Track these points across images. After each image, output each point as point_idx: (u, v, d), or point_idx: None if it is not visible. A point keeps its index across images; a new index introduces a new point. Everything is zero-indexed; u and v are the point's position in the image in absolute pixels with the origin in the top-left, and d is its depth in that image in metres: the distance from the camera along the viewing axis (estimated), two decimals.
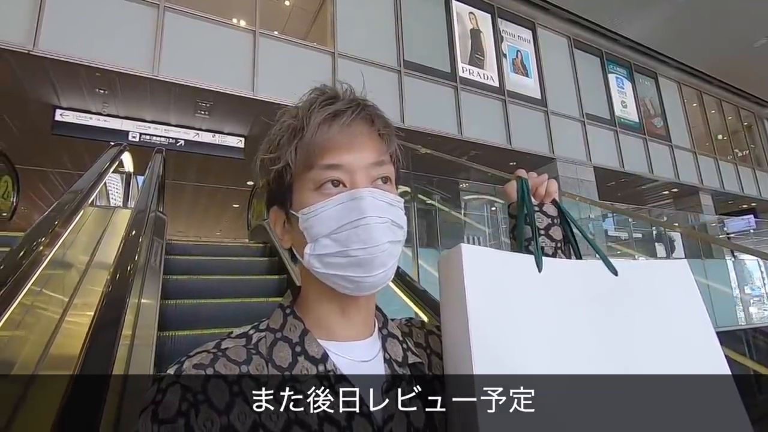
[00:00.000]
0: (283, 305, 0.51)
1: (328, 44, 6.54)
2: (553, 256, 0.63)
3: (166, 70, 5.15)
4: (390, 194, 0.48)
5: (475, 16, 8.27)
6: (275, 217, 0.52)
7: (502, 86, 8.13)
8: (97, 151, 4.04)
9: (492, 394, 0.43)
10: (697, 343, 0.50)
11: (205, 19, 5.60)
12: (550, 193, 0.64)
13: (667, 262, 0.57)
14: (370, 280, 0.45)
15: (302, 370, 0.44)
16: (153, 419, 0.38)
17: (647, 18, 9.50)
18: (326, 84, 0.51)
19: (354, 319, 0.49)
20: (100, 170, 3.20)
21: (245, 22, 6.25)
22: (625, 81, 10.53)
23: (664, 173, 10.35)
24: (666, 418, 0.45)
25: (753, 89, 12.92)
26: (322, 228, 0.45)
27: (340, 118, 0.46)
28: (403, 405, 0.46)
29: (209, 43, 5.55)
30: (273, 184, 0.50)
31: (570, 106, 9.13)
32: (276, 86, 5.72)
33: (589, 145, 9.05)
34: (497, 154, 7.79)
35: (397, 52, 7.07)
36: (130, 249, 2.18)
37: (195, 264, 3.21)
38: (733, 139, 12.95)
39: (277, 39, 6.20)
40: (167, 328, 2.31)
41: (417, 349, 0.54)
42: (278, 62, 5.93)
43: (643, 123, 10.37)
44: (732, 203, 12.97)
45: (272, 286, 3.09)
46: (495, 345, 0.45)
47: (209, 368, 0.42)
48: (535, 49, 8.97)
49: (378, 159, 0.48)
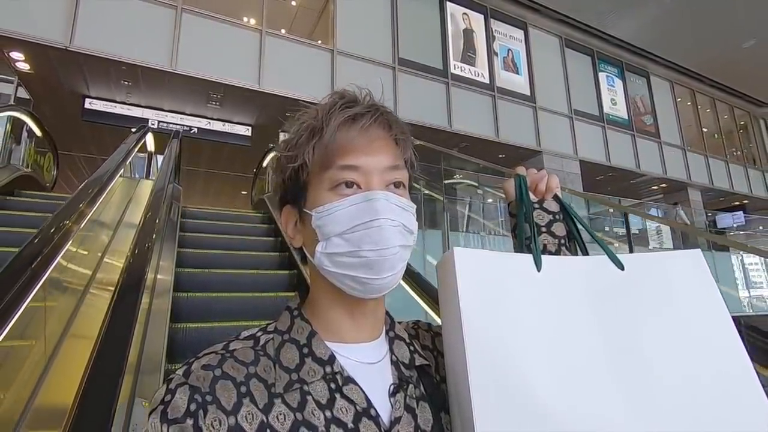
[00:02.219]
0: (291, 307, 0.51)
1: (329, 42, 7.18)
2: (557, 253, 0.61)
3: (182, 65, 5.83)
4: (403, 199, 0.48)
5: (469, 16, 8.83)
6: (287, 216, 0.53)
7: (493, 83, 8.69)
8: (119, 137, 4.74)
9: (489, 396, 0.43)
10: (715, 339, 0.47)
11: (217, 19, 6.28)
12: (551, 188, 0.63)
13: (678, 252, 0.53)
14: (379, 283, 0.46)
15: (309, 372, 0.45)
16: (162, 419, 0.39)
17: (635, 18, 9.94)
18: (346, 88, 0.51)
19: (362, 322, 0.50)
20: (129, 147, 3.89)
21: (255, 20, 6.91)
22: (616, 79, 10.98)
23: (652, 168, 10.79)
24: (681, 419, 0.43)
25: (746, 89, 13.22)
26: (335, 227, 0.46)
27: (359, 122, 0.48)
28: (410, 407, 0.47)
29: (221, 41, 6.23)
30: (288, 182, 0.51)
31: (559, 102, 9.64)
32: (279, 80, 6.38)
33: (576, 139, 9.56)
34: (485, 145, 8.35)
35: (393, 50, 7.67)
36: (154, 207, 2.82)
37: (204, 226, 3.89)
38: (726, 137, 13.28)
39: (281, 37, 6.86)
40: (183, 265, 2.97)
41: (424, 352, 0.54)
42: (282, 59, 6.59)
43: (632, 120, 10.82)
44: (723, 200, 13.32)
45: (269, 244, 3.76)
46: (491, 349, 0.45)
47: (217, 369, 0.43)
48: (526, 48, 9.49)
49: (393, 163, 0.49)
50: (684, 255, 0.53)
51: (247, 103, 6.73)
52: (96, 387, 1.07)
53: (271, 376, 0.44)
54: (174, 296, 2.45)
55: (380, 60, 7.50)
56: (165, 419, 0.39)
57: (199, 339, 2.25)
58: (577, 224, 0.61)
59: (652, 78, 11.75)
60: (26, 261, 1.40)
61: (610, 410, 0.43)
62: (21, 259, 1.40)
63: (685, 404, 0.43)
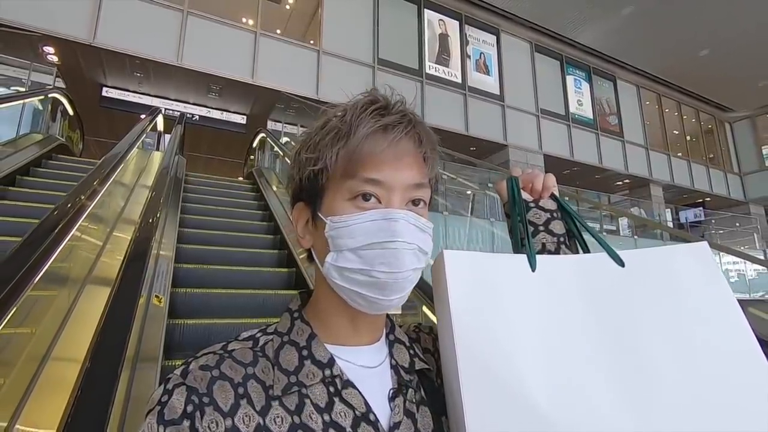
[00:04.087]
0: (291, 309, 0.51)
1: (316, 42, 8.18)
2: (557, 251, 0.59)
3: (187, 60, 6.84)
4: (422, 219, 0.47)
5: (444, 22, 9.83)
6: (299, 213, 0.51)
7: (465, 82, 9.69)
8: (129, 123, 5.74)
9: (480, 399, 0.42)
10: (725, 337, 0.45)
11: (218, 21, 7.29)
12: (547, 187, 0.62)
13: (683, 246, 0.50)
14: (386, 303, 0.45)
15: (308, 374, 0.44)
16: (159, 420, 0.38)
17: (602, 27, 10.93)
18: (377, 89, 0.49)
19: (362, 327, 0.49)
20: (144, 125, 4.91)
21: (252, 21, 7.92)
22: (583, 82, 11.99)
23: (614, 165, 11.80)
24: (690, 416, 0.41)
25: (711, 95, 14.22)
26: (349, 241, 0.45)
27: (390, 133, 0.45)
28: (410, 412, 0.46)
29: (220, 40, 7.23)
30: (306, 182, 0.48)
31: (526, 102, 10.65)
32: (271, 75, 7.39)
33: (541, 136, 10.57)
34: (456, 139, 9.35)
35: (373, 51, 8.68)
36: (164, 171, 3.81)
37: (204, 190, 4.91)
38: (690, 139, 14.29)
39: (273, 38, 7.86)
40: (186, 212, 3.97)
41: (425, 355, 0.53)
42: (273, 56, 7.60)
43: (597, 120, 11.83)
44: (687, 197, 14.34)
45: (253, 204, 4.78)
46: (483, 351, 0.44)
47: (215, 370, 0.42)
48: (497, 52, 10.50)
49: (419, 181, 0.47)
50: (689, 248, 0.50)
51: (242, 95, 7.74)
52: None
53: (270, 378, 0.44)
54: (179, 231, 3.44)
55: (362, 60, 8.51)
56: (162, 420, 0.38)
57: (196, 256, 3.24)
58: (576, 222, 0.60)
59: (619, 82, 12.76)
60: (77, 195, 2.12)
61: (610, 413, 0.42)
62: (73, 195, 2.23)
63: (691, 404, 0.42)
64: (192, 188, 4.76)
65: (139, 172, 4.46)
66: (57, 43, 6.19)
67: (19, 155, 4.16)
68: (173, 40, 6.84)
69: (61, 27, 6.03)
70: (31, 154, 4.38)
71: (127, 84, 7.43)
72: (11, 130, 4.67)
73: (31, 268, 1.31)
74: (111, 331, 1.52)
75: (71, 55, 6.44)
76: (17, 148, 4.34)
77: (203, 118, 8.01)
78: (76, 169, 4.40)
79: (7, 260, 1.31)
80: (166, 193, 3.38)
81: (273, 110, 8.24)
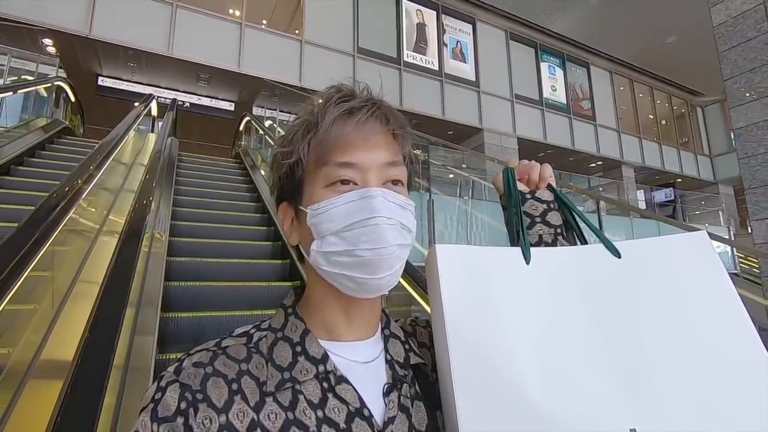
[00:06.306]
0: (285, 305, 0.51)
1: (299, 33, 8.69)
2: (554, 243, 0.58)
3: (177, 50, 7.35)
4: (401, 196, 0.47)
5: (422, 12, 10.35)
6: (284, 213, 0.52)
7: (441, 69, 10.26)
8: (123, 110, 6.27)
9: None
10: (725, 326, 0.44)
11: (206, 14, 7.78)
12: (544, 178, 0.62)
13: (681, 235, 0.50)
14: (375, 282, 0.45)
15: (302, 371, 0.44)
16: (153, 418, 0.39)
17: (574, 15, 11.49)
18: (343, 82, 0.50)
19: (357, 320, 0.49)
20: (140, 110, 5.46)
21: (239, 12, 8.41)
22: (557, 69, 12.58)
23: (587, 148, 12.47)
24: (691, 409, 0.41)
25: (682, 80, 14.89)
26: (330, 225, 0.45)
27: (355, 116, 0.46)
28: (404, 407, 0.46)
29: (208, 31, 7.74)
30: (284, 179, 0.50)
31: (501, 87, 11.24)
32: (255, 63, 7.93)
33: (515, 120, 11.19)
34: (433, 123, 9.95)
35: (353, 41, 9.21)
36: (158, 150, 4.39)
37: (196, 167, 5.51)
38: (662, 122, 14.98)
39: (257, 28, 8.37)
40: (180, 184, 4.56)
41: (421, 349, 0.53)
42: (258, 46, 8.12)
43: (570, 104, 12.46)
44: (658, 178, 15.09)
45: (240, 179, 5.40)
46: (475, 346, 0.44)
47: (209, 366, 0.43)
48: (473, 40, 11.05)
49: (391, 159, 0.48)
50: (688, 238, 0.50)
51: (230, 83, 8.27)
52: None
53: (264, 374, 0.44)
54: (174, 199, 4.04)
55: (342, 49, 9.04)
56: (155, 418, 0.39)
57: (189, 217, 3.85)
58: (573, 213, 0.60)
59: (592, 68, 13.37)
60: (84, 170, 2.91)
61: (607, 406, 0.41)
62: (79, 169, 2.94)
63: (691, 396, 0.41)
64: (185, 165, 5.36)
65: (137, 153, 5.05)
66: (55, 35, 6.68)
67: (33, 135, 4.77)
68: (164, 32, 7.33)
69: (58, 20, 6.52)
70: (43, 135, 4.99)
71: (121, 73, 7.93)
72: (24, 114, 5.28)
73: (54, 221, 1.55)
74: (121, 267, 2.14)
75: (68, 46, 6.93)
76: (29, 130, 4.94)
77: (194, 105, 8.55)
78: (83, 146, 5.02)
79: (30, 221, 1.48)
80: (161, 167, 3.99)
81: (258, 97, 8.78)
